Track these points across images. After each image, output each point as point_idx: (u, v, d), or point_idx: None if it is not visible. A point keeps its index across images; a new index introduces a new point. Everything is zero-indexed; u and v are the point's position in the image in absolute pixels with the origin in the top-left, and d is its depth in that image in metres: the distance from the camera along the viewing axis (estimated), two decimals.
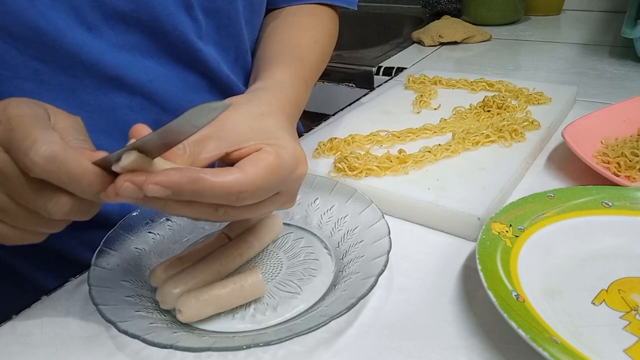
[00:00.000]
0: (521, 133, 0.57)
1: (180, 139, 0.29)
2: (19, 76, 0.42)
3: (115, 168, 0.29)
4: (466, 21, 1.14)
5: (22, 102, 0.31)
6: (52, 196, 0.30)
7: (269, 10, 0.61)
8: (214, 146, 0.33)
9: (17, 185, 0.30)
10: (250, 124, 0.35)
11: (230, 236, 0.44)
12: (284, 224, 0.47)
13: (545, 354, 0.29)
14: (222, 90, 0.54)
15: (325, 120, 0.70)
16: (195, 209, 0.31)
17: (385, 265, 0.37)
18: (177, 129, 0.27)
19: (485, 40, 1.08)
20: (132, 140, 0.29)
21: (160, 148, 0.29)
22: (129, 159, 0.28)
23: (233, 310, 0.38)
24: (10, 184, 0.30)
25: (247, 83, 0.59)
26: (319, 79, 0.58)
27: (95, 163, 0.30)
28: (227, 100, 0.38)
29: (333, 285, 0.40)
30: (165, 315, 0.37)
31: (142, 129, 0.31)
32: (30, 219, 0.32)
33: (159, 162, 0.30)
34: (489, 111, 0.64)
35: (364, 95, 0.82)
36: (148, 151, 0.29)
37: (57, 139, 0.29)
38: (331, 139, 0.58)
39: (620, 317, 0.35)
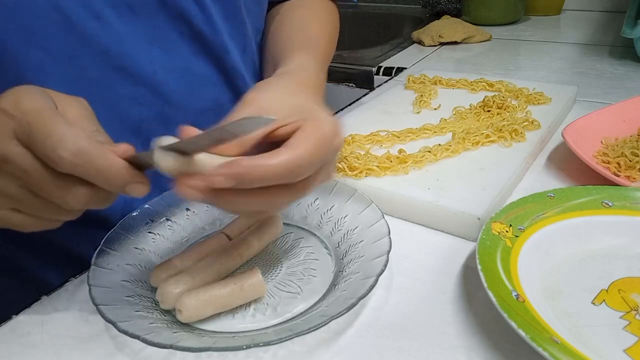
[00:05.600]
0: (521, 133, 0.57)
1: (223, 142, 0.31)
2: (22, 65, 0.42)
3: (165, 169, 0.30)
4: (466, 21, 1.14)
5: (32, 92, 0.32)
6: (70, 188, 0.31)
7: (272, 3, 0.62)
8: None
9: (36, 178, 0.31)
10: (286, 100, 0.36)
11: (230, 236, 0.44)
12: (283, 224, 0.47)
13: (545, 354, 0.29)
14: (229, 82, 0.54)
15: None
16: (256, 198, 0.32)
17: (385, 265, 0.37)
18: (230, 132, 0.29)
19: (485, 40, 1.08)
20: (168, 140, 0.30)
21: (201, 148, 0.31)
22: (169, 163, 0.30)
23: (233, 310, 0.39)
24: (29, 177, 0.31)
25: (254, 75, 0.59)
26: None
27: (123, 158, 0.31)
28: (259, 84, 0.39)
29: (333, 285, 0.40)
30: (165, 315, 0.37)
31: (192, 130, 0.32)
32: (47, 208, 0.33)
33: (203, 157, 0.31)
34: (489, 111, 0.64)
35: (364, 95, 0.82)
36: (186, 150, 0.30)
37: (82, 134, 0.30)
38: None
39: (620, 317, 0.35)
